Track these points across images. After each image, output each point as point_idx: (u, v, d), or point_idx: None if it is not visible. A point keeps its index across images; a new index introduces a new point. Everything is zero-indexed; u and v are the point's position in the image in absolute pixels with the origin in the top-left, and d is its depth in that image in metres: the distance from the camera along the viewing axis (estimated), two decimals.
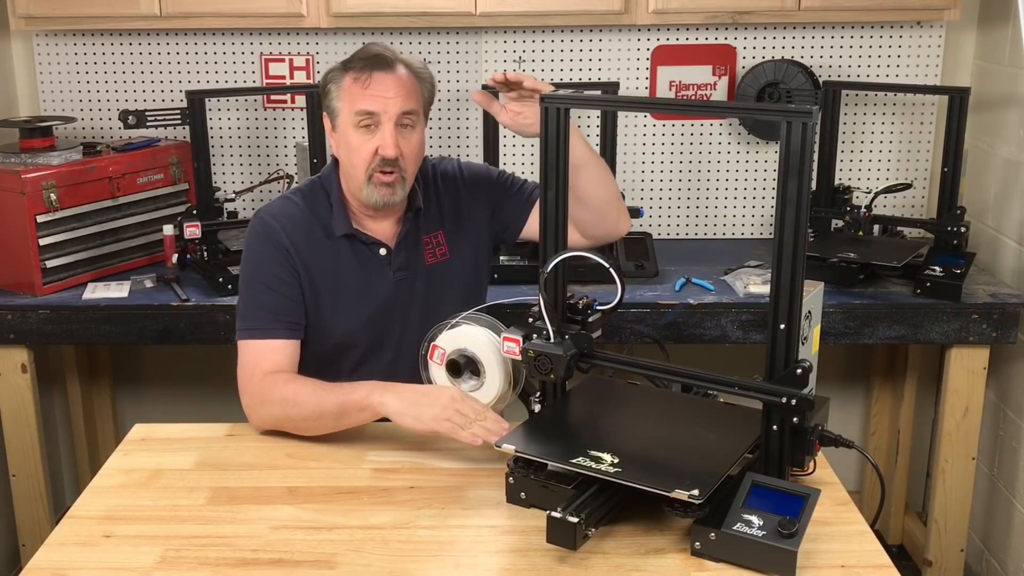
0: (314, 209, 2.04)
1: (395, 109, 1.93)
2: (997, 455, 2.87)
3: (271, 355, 1.95)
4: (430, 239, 2.09)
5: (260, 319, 1.97)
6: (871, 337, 2.61)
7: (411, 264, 2.07)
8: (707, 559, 1.49)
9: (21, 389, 2.68)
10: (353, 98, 1.94)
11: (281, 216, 2.02)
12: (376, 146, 1.94)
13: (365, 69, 1.94)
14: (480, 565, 1.51)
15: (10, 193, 2.59)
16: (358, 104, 1.94)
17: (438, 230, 2.10)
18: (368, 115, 1.93)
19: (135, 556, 1.53)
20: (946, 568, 2.82)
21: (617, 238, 2.17)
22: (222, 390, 3.29)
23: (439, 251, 2.09)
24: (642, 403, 1.82)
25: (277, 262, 1.99)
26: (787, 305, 1.49)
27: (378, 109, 1.93)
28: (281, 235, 2.00)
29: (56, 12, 2.80)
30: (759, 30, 3.09)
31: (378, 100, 1.93)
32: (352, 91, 1.95)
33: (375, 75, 1.94)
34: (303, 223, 2.02)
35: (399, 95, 1.94)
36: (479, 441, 1.71)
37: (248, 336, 1.97)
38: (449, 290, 2.09)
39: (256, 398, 1.91)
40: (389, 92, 1.93)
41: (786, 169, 1.44)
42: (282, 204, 2.06)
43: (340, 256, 2.03)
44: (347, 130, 1.96)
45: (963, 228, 2.69)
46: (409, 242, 2.07)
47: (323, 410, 1.83)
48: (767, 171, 3.20)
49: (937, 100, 3.11)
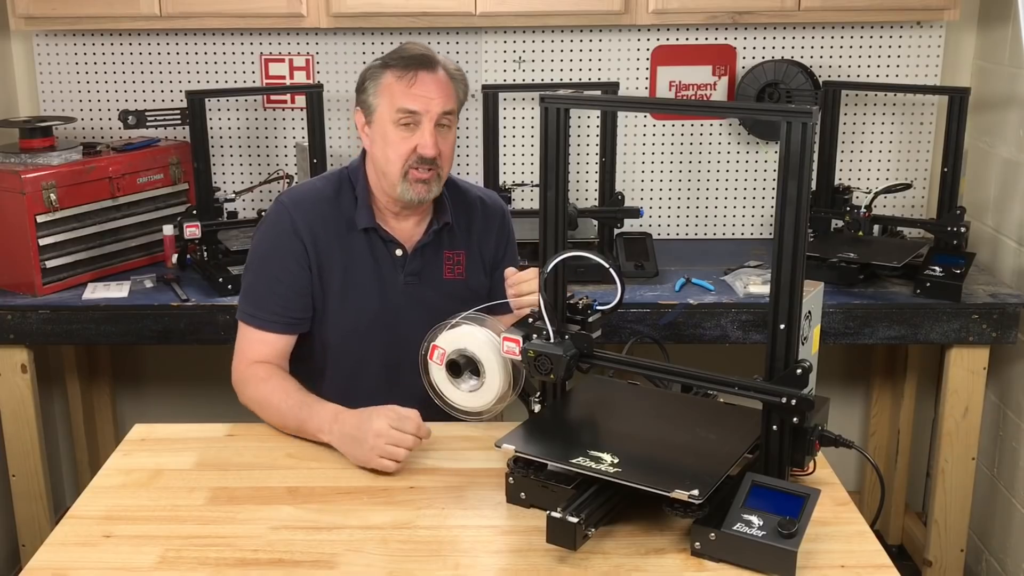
0: (339, 198, 2.07)
1: (437, 109, 1.96)
2: (997, 455, 2.87)
3: (261, 346, 2.03)
4: (452, 255, 2.12)
5: (260, 308, 2.03)
6: (871, 337, 2.61)
7: (424, 272, 2.10)
8: (707, 559, 1.49)
9: (21, 389, 2.68)
10: (394, 96, 1.97)
11: (305, 202, 2.05)
12: (415, 144, 1.97)
13: (411, 68, 1.97)
14: (480, 565, 1.51)
15: (10, 193, 2.59)
16: (400, 102, 1.96)
17: (462, 250, 2.14)
18: (410, 114, 1.96)
19: (135, 556, 1.53)
20: (946, 568, 2.82)
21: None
22: (222, 390, 3.28)
23: (457, 270, 2.13)
24: (642, 403, 1.82)
25: (290, 253, 2.02)
26: (787, 305, 1.49)
27: (420, 109, 1.96)
28: (299, 225, 2.02)
29: (56, 12, 2.80)
30: (759, 30, 3.09)
31: (421, 100, 1.96)
32: (394, 89, 1.97)
33: (420, 74, 1.97)
34: (326, 210, 2.05)
35: (440, 96, 1.97)
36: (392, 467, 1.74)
37: (246, 320, 2.04)
38: (458, 308, 2.09)
39: (239, 383, 2.03)
40: (432, 92, 1.96)
41: (786, 169, 1.45)
42: (309, 187, 2.10)
43: (356, 249, 2.06)
44: (385, 126, 1.99)
45: (963, 228, 2.69)
46: (428, 252, 2.10)
47: (284, 423, 1.92)
48: (767, 171, 3.20)
49: (937, 100, 3.11)
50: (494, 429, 1.82)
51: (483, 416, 1.81)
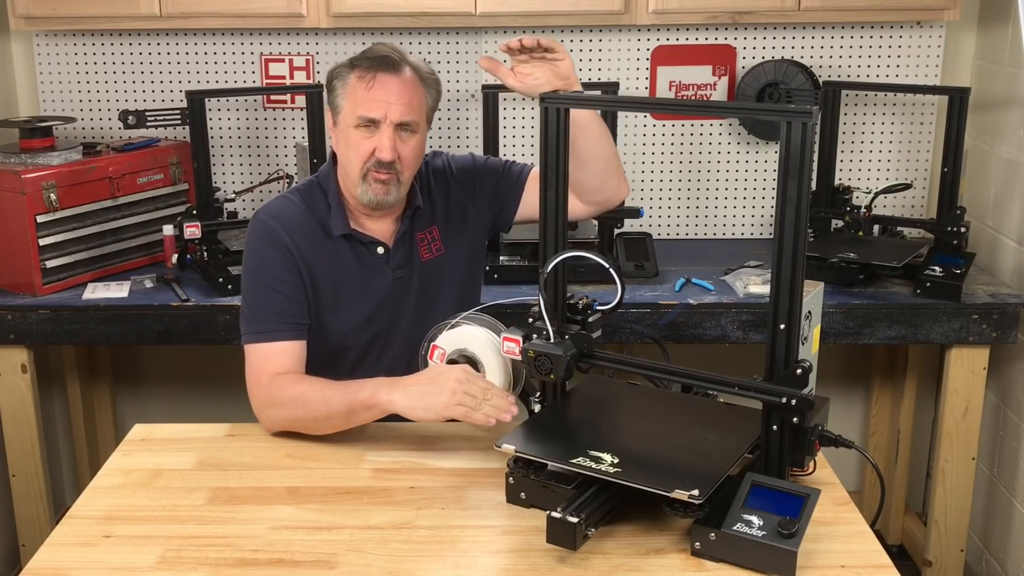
0: (312, 208, 2.04)
1: (395, 116, 1.93)
2: (997, 455, 2.87)
3: (278, 356, 1.94)
4: (424, 235, 2.09)
5: (265, 321, 1.96)
6: (871, 337, 2.61)
7: (409, 262, 2.08)
8: (707, 559, 1.49)
9: (21, 389, 2.68)
10: (356, 99, 1.94)
11: (281, 216, 2.02)
12: (374, 147, 1.94)
13: (371, 69, 1.94)
14: (480, 565, 1.51)
15: (10, 193, 2.59)
16: (359, 108, 1.93)
17: (432, 226, 2.10)
18: (368, 119, 1.93)
19: (135, 556, 1.53)
20: (946, 568, 2.82)
21: (618, 203, 2.15)
22: (222, 390, 3.31)
23: (434, 247, 2.10)
24: (642, 403, 1.82)
25: (279, 262, 1.99)
26: (787, 305, 1.49)
27: (378, 116, 1.93)
28: (282, 235, 1.99)
29: (56, 12, 2.80)
30: (759, 30, 3.09)
31: (379, 105, 1.93)
32: (356, 91, 1.94)
33: (379, 76, 1.93)
34: (303, 222, 2.02)
35: (401, 100, 1.94)
36: (492, 422, 1.73)
37: (254, 340, 1.96)
38: (445, 285, 2.10)
39: (264, 401, 1.90)
40: (391, 96, 1.93)
41: (786, 169, 1.45)
42: (281, 204, 2.05)
43: (340, 255, 2.03)
44: (347, 128, 1.97)
45: (963, 228, 2.69)
46: (406, 240, 2.08)
47: (331, 410, 1.84)
48: (767, 171, 3.20)
49: (937, 100, 3.11)
50: (494, 429, 1.82)
51: None
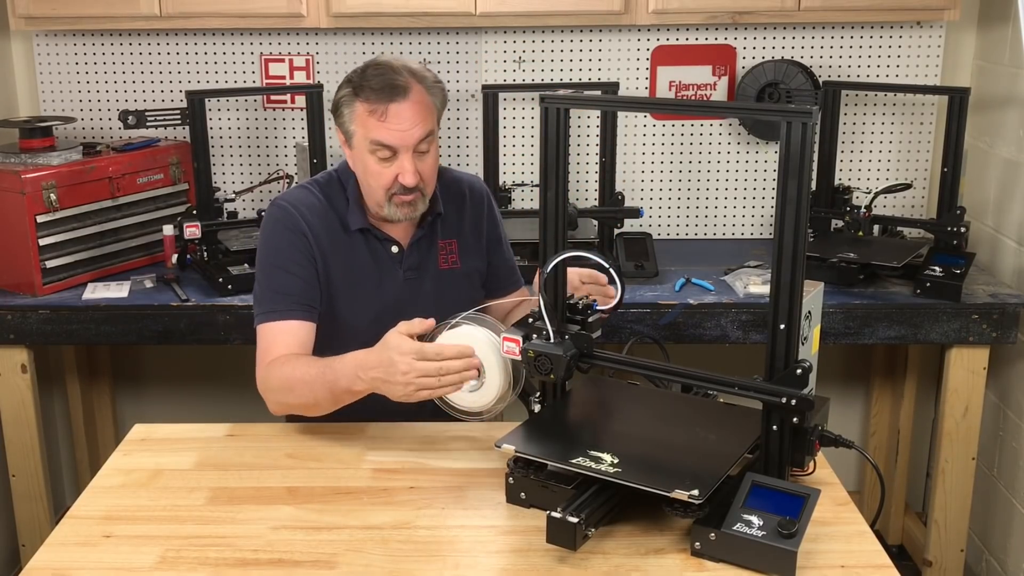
0: (331, 200, 2.05)
1: (412, 141, 1.92)
2: (997, 455, 2.87)
3: (284, 337, 1.95)
4: (445, 245, 2.11)
5: (277, 301, 1.97)
6: (871, 337, 2.61)
7: (422, 266, 2.09)
8: (707, 559, 1.49)
9: (21, 389, 2.68)
10: (368, 128, 1.92)
11: (300, 204, 2.03)
12: (395, 174, 1.94)
13: (381, 101, 1.91)
14: (480, 565, 1.51)
15: (10, 193, 2.59)
16: (374, 135, 1.92)
17: (453, 239, 2.12)
18: (386, 147, 1.92)
19: (135, 556, 1.53)
20: (946, 568, 2.82)
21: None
22: (222, 390, 3.31)
23: (451, 259, 2.12)
24: (642, 403, 1.82)
25: (295, 246, 2.00)
26: (787, 305, 1.49)
27: (396, 143, 1.91)
28: (300, 221, 2.00)
29: (56, 12, 2.80)
30: (759, 30, 3.09)
31: (395, 134, 1.91)
32: (368, 122, 1.92)
33: (391, 108, 1.91)
34: (321, 212, 2.03)
35: (415, 124, 1.92)
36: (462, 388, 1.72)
37: (265, 319, 1.97)
38: (457, 297, 2.09)
39: (262, 385, 1.93)
40: (405, 124, 1.91)
41: (786, 169, 1.45)
42: (300, 192, 2.07)
43: (355, 249, 2.05)
44: (363, 153, 1.96)
45: (963, 228, 2.69)
46: (423, 245, 2.09)
47: (316, 397, 1.85)
48: (767, 171, 3.20)
49: (937, 100, 3.11)
50: (494, 429, 1.82)
51: (483, 416, 1.80)
